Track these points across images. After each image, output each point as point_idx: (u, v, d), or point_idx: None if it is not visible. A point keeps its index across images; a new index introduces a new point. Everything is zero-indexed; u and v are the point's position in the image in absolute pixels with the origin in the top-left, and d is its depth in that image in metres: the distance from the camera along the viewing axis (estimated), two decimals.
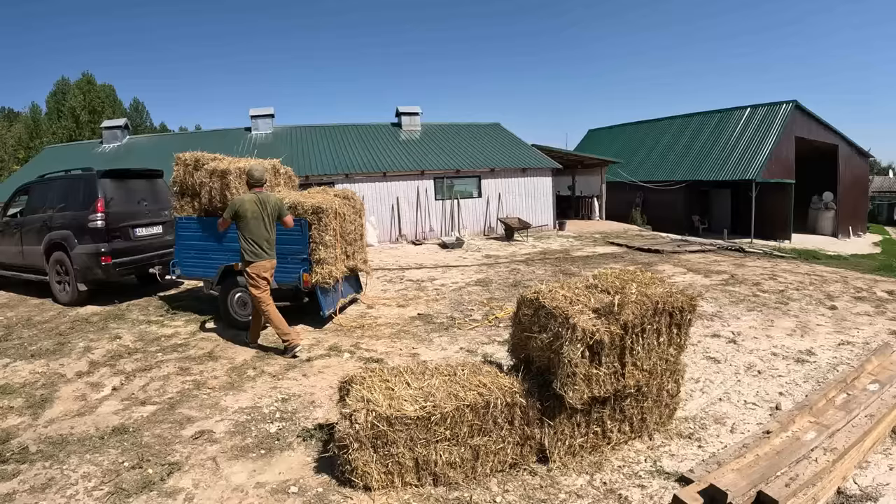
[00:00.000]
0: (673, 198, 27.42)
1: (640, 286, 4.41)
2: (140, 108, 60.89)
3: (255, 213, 6.71)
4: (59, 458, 4.57)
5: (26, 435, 5.03)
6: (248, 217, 6.68)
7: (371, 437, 3.81)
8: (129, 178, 10.33)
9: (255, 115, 25.32)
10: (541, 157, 24.23)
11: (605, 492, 3.96)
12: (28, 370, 6.70)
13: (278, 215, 6.98)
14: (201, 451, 4.67)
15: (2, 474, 4.34)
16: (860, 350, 6.83)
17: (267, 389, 5.94)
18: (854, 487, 3.95)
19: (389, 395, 3.99)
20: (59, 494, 4.05)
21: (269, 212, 6.81)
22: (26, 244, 10.57)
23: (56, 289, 10.10)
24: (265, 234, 6.79)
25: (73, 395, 5.95)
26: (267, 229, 6.80)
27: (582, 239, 19.43)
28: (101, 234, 9.42)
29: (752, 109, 27.21)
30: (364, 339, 7.66)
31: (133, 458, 4.53)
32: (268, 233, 6.82)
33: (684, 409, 5.21)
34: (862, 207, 30.44)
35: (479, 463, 4.07)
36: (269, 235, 6.86)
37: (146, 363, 6.85)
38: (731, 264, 13.33)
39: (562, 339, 3.94)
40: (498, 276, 12.30)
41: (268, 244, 6.84)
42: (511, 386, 4.12)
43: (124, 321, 8.79)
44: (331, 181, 19.03)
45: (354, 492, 3.93)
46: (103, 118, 40.34)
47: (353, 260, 8.54)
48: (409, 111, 26.77)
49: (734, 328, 7.82)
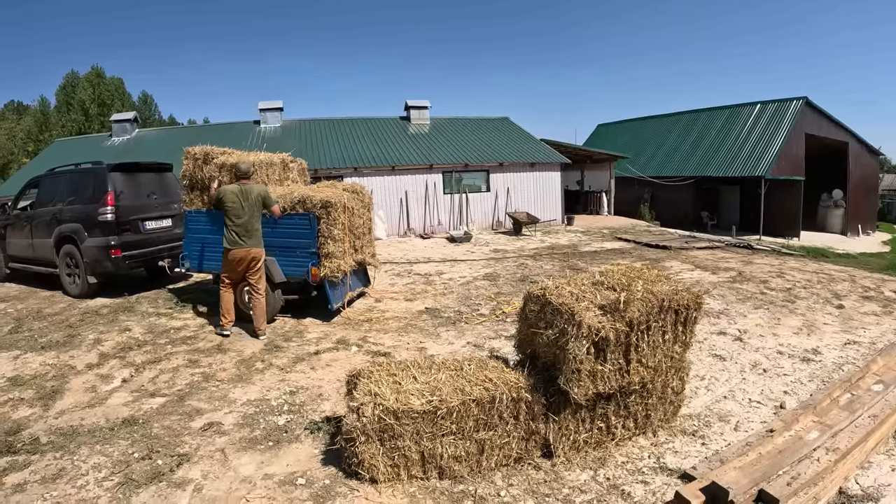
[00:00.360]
0: (681, 194, 27.31)
1: (646, 283, 4.42)
2: (149, 101, 60.96)
3: (235, 203, 7.16)
4: (69, 449, 4.63)
5: (37, 426, 5.09)
6: (227, 206, 7.17)
7: (378, 431, 3.85)
8: (138, 172, 10.38)
9: (263, 108, 25.38)
10: (549, 151, 24.18)
11: (608, 487, 4.00)
12: (38, 362, 6.77)
13: (264, 205, 7.36)
14: (210, 442, 4.73)
15: (13, 465, 4.40)
16: (866, 350, 6.82)
17: (275, 382, 6.00)
18: (856, 487, 3.96)
19: (396, 389, 4.04)
20: (70, 485, 4.11)
21: (251, 202, 7.18)
22: (36, 237, 10.65)
23: (66, 281, 10.17)
24: (244, 224, 7.20)
25: (83, 386, 6.02)
26: (246, 219, 7.17)
27: (590, 234, 19.42)
28: (111, 227, 9.47)
29: (762, 106, 27.02)
30: (372, 333, 7.71)
31: (143, 450, 4.59)
32: (246, 223, 7.21)
33: (689, 406, 5.23)
34: (871, 206, 30.19)
35: (485, 457, 4.11)
36: (249, 225, 7.21)
37: (156, 355, 6.92)
38: (738, 261, 13.30)
39: (567, 336, 3.97)
40: (506, 271, 12.32)
41: (247, 234, 7.22)
42: (517, 381, 4.16)
43: (134, 314, 8.85)
44: (339, 175, 19.06)
45: (361, 484, 3.98)
46: (112, 111, 40.39)
47: (361, 254, 8.58)
48: (418, 105, 26.78)
49: (741, 326, 7.82)
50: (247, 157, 8.45)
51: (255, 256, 7.33)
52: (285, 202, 7.82)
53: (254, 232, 7.29)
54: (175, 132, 28.39)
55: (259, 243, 7.37)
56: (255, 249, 7.31)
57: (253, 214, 7.25)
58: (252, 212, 7.23)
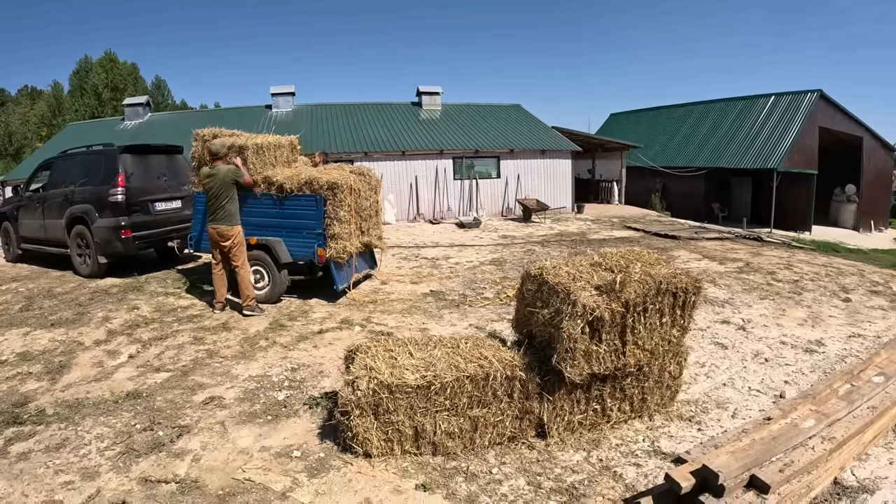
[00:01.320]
0: (693, 185, 27.15)
1: (644, 266, 4.43)
2: (162, 85, 61.31)
3: (207, 185, 7.54)
4: (74, 421, 4.74)
5: (44, 399, 5.20)
6: (203, 187, 7.71)
7: (372, 405, 3.91)
8: (149, 154, 10.48)
9: (275, 92, 25.41)
10: (561, 139, 24.08)
11: (600, 468, 4.04)
12: (48, 338, 6.88)
13: (237, 184, 7.63)
14: (211, 415, 4.82)
15: (18, 435, 4.52)
16: (871, 343, 6.77)
17: (277, 359, 6.08)
18: (852, 479, 3.95)
19: (392, 364, 4.09)
20: (73, 454, 4.21)
21: (219, 182, 7.42)
22: (48, 218, 10.78)
23: (77, 261, 10.28)
24: (213, 203, 7.53)
25: (90, 361, 6.13)
26: (214, 199, 7.50)
27: (600, 222, 19.36)
28: (122, 208, 9.56)
29: (776, 97, 26.77)
30: (376, 314, 7.78)
31: (145, 421, 4.69)
32: (215, 202, 7.51)
33: (687, 392, 5.25)
34: (884, 202, 29.86)
35: (478, 434, 4.16)
36: (217, 204, 7.51)
37: (162, 332, 7.02)
38: (747, 253, 13.23)
39: (562, 315, 4.00)
40: (513, 257, 12.34)
41: (221, 212, 7.53)
42: (511, 359, 4.19)
43: (143, 293, 8.96)
44: (350, 159, 19.09)
45: (355, 458, 4.04)
46: (125, 96, 40.57)
47: (367, 236, 8.62)
48: (430, 91, 26.69)
49: (745, 315, 7.80)
50: (255, 138, 8.49)
51: (221, 233, 7.51)
52: (293, 183, 7.86)
53: (221, 210, 7.49)
54: (187, 116, 28.47)
55: (229, 221, 7.54)
56: (222, 227, 7.50)
57: (221, 194, 7.45)
58: (220, 192, 7.43)
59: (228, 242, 7.53)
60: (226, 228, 7.50)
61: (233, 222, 7.56)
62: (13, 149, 51.40)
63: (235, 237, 7.57)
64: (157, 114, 28.73)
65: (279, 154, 8.62)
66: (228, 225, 7.52)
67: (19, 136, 52.07)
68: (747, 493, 3.41)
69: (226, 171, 7.48)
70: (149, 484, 3.83)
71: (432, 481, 3.84)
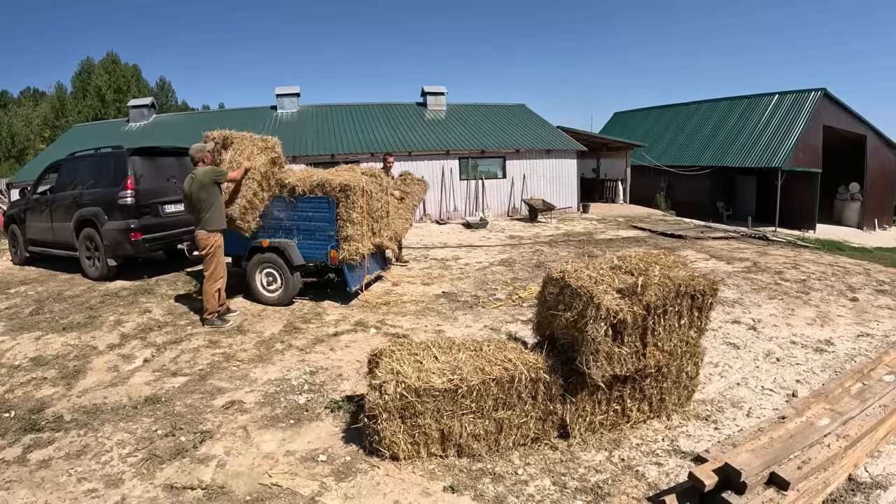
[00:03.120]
0: (698, 184, 27.14)
1: (663, 269, 4.47)
2: (166, 86, 61.18)
3: (186, 190, 7.25)
4: (93, 427, 4.75)
5: (60, 404, 5.21)
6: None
7: (399, 408, 3.95)
8: (158, 156, 10.46)
9: (280, 93, 25.46)
10: (566, 138, 24.10)
11: (622, 468, 4.08)
12: (60, 342, 6.88)
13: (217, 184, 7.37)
14: (232, 420, 4.85)
15: (37, 442, 4.52)
16: (879, 342, 6.81)
17: (295, 362, 6.11)
18: (865, 475, 4.02)
19: (418, 368, 4.12)
20: (95, 460, 4.23)
21: (196, 187, 7.12)
22: (56, 220, 10.78)
23: (86, 264, 10.27)
24: (197, 206, 7.22)
25: (105, 366, 6.14)
26: (200, 202, 7.18)
27: (606, 222, 19.38)
28: (131, 210, 9.55)
29: (780, 96, 26.76)
30: (389, 316, 7.80)
31: (166, 427, 4.70)
32: (193, 205, 7.25)
33: (702, 391, 5.29)
34: (889, 200, 29.78)
35: (503, 436, 4.20)
36: (200, 207, 7.20)
37: (176, 336, 7.03)
38: (753, 252, 13.24)
39: (586, 318, 4.03)
40: (521, 257, 12.37)
41: (200, 217, 7.27)
42: (535, 362, 4.23)
43: (153, 295, 8.95)
44: (356, 160, 19.05)
45: (381, 461, 4.08)
46: (128, 97, 40.59)
47: (379, 237, 8.66)
48: (435, 91, 26.72)
49: (755, 315, 7.84)
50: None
51: (198, 238, 7.34)
52: (304, 186, 7.87)
53: (199, 214, 7.25)
54: (192, 117, 28.48)
55: (204, 226, 7.27)
56: (201, 232, 7.29)
57: (202, 198, 7.15)
58: (199, 195, 7.13)
59: (203, 251, 7.34)
60: (203, 235, 7.27)
61: (211, 227, 7.29)
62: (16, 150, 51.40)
63: (210, 245, 7.31)
64: (163, 115, 28.79)
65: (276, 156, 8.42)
66: (207, 231, 7.26)
67: (22, 137, 52.09)
68: (767, 489, 3.48)
69: (203, 172, 7.21)
70: (174, 491, 3.84)
71: (460, 483, 3.88)
